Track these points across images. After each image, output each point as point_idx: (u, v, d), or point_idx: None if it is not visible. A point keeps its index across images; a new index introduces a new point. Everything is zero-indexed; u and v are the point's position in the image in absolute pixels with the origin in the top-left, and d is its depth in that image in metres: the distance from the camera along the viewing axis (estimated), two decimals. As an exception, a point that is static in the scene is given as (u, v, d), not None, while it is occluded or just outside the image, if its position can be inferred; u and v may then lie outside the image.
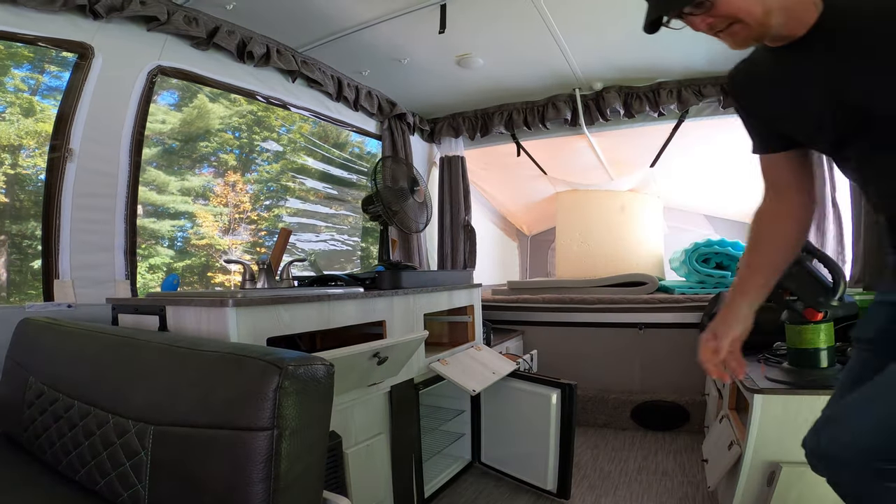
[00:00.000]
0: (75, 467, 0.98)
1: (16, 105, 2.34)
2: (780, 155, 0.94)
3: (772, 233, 0.96)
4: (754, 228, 1.00)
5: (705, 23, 0.78)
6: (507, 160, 3.46)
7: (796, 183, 0.95)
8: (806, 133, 0.88)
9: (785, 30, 0.78)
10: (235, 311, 1.11)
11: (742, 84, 0.95)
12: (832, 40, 0.76)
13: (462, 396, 2.12)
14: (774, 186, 0.97)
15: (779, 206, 0.96)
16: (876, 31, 0.71)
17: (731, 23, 0.77)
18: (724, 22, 0.78)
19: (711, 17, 0.77)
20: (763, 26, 0.77)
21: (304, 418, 0.75)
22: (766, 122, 0.93)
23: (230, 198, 3.55)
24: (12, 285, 2.37)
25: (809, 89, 0.81)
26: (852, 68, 0.75)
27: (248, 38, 2.11)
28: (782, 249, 0.96)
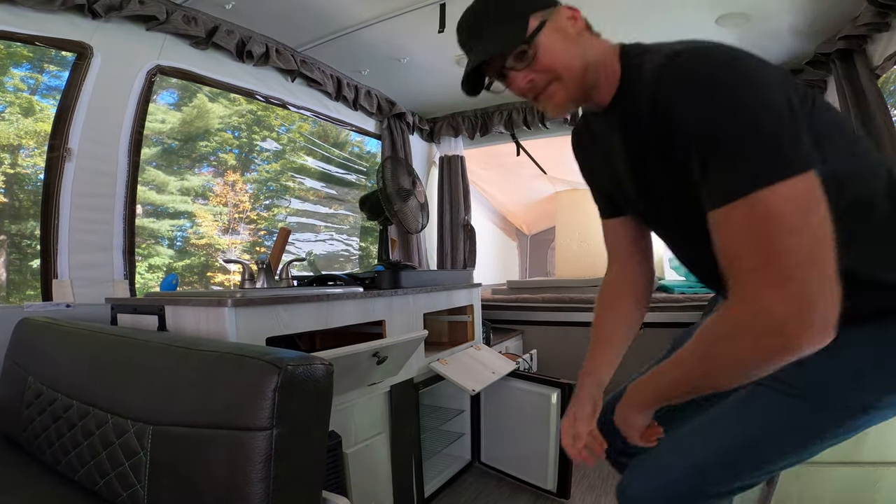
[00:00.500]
0: (74, 467, 0.98)
1: (15, 105, 2.34)
2: (618, 222, 0.95)
3: (614, 304, 0.96)
4: (599, 300, 1.00)
5: (526, 80, 0.76)
6: (506, 160, 3.46)
7: (638, 252, 0.96)
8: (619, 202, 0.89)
9: (597, 95, 0.77)
10: (234, 311, 1.11)
11: (576, 144, 0.97)
12: (623, 122, 0.76)
13: (462, 396, 2.12)
14: (616, 255, 0.98)
15: (622, 277, 0.97)
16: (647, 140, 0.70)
17: (550, 81, 0.76)
18: (544, 79, 0.76)
19: (533, 73, 0.75)
20: (581, 84, 0.76)
21: (304, 418, 0.75)
22: (596, 186, 0.96)
23: (229, 197, 3.55)
24: (11, 285, 2.37)
25: (613, 160, 0.81)
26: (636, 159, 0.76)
27: (247, 38, 2.10)
28: (624, 323, 0.96)
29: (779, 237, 0.52)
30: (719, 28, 2.15)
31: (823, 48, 2.21)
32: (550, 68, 0.75)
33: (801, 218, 0.52)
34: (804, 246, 0.51)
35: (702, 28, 2.18)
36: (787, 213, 0.52)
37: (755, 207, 0.53)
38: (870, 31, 1.97)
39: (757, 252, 0.53)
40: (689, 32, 2.22)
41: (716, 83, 0.57)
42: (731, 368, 0.59)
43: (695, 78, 0.58)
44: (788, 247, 0.52)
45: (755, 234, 0.53)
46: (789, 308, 0.51)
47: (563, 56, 0.74)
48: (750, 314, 0.54)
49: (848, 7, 1.96)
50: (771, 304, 0.52)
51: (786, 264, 0.51)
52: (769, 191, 0.52)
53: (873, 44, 2.04)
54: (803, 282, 0.51)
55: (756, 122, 0.54)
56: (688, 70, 0.60)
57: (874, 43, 2.04)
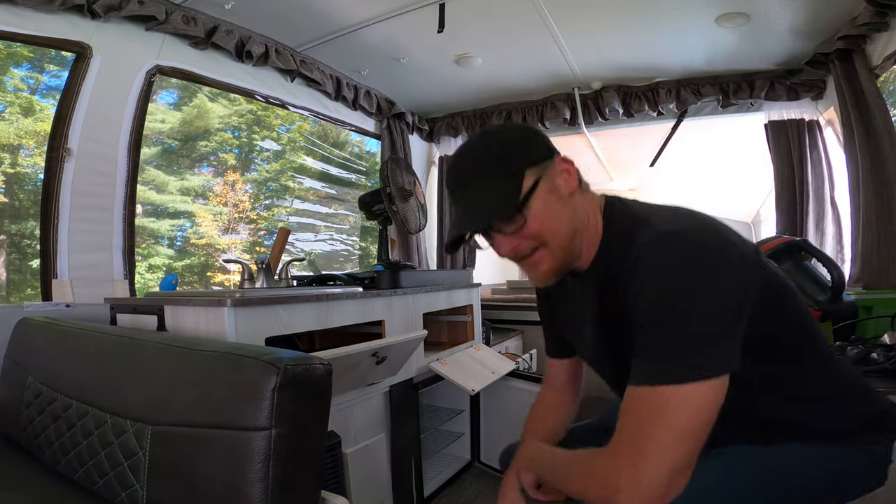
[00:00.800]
0: (74, 467, 0.98)
1: (15, 105, 2.34)
2: (565, 362, 1.03)
3: (545, 415, 1.04)
4: (534, 405, 1.07)
5: (511, 246, 0.75)
6: (506, 159, 3.46)
7: (572, 383, 1.04)
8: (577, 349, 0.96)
9: (578, 261, 0.78)
10: (234, 311, 1.11)
11: (547, 291, 0.99)
12: (600, 284, 0.77)
13: (461, 396, 2.12)
14: (553, 383, 1.05)
15: (554, 397, 1.04)
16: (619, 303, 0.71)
17: (535, 247, 0.74)
18: (530, 246, 0.74)
19: (518, 239, 0.74)
20: (567, 252, 0.75)
21: (303, 418, 0.75)
22: (555, 330, 1.01)
23: (229, 197, 3.55)
24: (11, 285, 2.37)
25: (582, 314, 0.84)
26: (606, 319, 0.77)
27: (246, 38, 2.10)
28: (551, 430, 1.01)
29: (661, 429, 0.59)
30: (719, 27, 2.15)
31: (823, 48, 2.21)
32: (538, 235, 0.73)
33: (688, 421, 0.59)
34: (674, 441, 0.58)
35: (702, 27, 2.18)
36: (686, 404, 0.59)
37: (654, 397, 0.60)
38: (869, 31, 1.97)
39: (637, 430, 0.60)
40: (689, 32, 2.24)
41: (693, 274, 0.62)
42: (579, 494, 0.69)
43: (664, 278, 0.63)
44: (659, 438, 0.59)
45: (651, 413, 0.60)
46: (631, 485, 0.59)
47: (553, 222, 0.73)
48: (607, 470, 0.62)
49: (847, 7, 1.96)
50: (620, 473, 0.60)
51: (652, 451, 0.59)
52: (678, 388, 0.59)
53: (872, 43, 2.04)
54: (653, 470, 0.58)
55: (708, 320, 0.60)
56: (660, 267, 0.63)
57: (873, 43, 2.04)
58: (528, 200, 0.71)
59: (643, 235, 0.67)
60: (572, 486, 0.71)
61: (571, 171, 0.77)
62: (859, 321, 1.81)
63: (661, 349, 0.61)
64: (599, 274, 0.77)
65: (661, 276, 0.63)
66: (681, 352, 0.60)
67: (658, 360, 0.61)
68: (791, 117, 2.56)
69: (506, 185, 0.72)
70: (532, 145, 0.77)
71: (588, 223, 0.76)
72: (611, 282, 0.73)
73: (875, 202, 2.06)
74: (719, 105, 2.70)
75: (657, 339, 0.62)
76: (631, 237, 0.68)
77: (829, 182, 2.49)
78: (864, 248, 2.14)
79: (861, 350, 1.52)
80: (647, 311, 0.63)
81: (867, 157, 2.08)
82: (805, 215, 2.48)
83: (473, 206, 0.74)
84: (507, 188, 0.72)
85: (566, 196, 0.75)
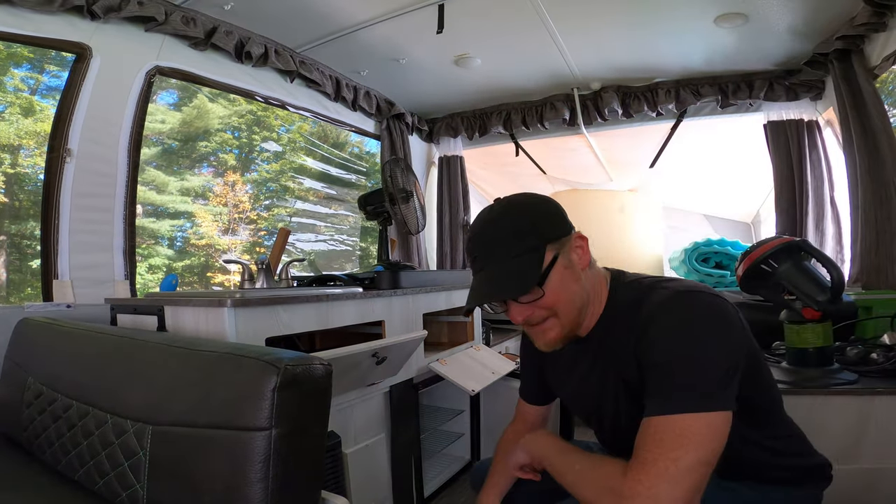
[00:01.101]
0: (74, 467, 0.98)
1: (16, 105, 2.34)
2: (540, 408, 1.11)
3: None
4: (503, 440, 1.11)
5: (524, 314, 0.80)
6: (505, 160, 3.46)
7: (541, 422, 1.13)
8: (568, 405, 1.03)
9: (582, 330, 0.85)
10: (234, 312, 1.11)
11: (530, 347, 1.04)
12: (600, 347, 0.85)
13: (461, 396, 2.12)
14: (524, 422, 1.12)
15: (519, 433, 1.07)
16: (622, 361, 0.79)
17: (547, 317, 0.80)
18: (542, 316, 0.80)
19: (533, 308, 0.80)
20: (574, 323, 0.82)
21: (303, 418, 0.75)
22: (535, 382, 1.08)
23: (229, 198, 3.55)
24: (11, 285, 2.37)
25: (575, 373, 0.92)
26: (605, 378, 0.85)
27: (246, 39, 2.10)
28: None
29: (680, 450, 0.64)
30: (718, 28, 2.15)
31: (821, 48, 2.21)
32: (552, 307, 0.79)
33: (706, 445, 0.65)
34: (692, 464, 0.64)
35: (701, 28, 2.18)
36: (698, 434, 0.65)
37: (676, 424, 0.66)
38: (867, 32, 1.97)
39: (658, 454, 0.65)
40: (688, 33, 2.24)
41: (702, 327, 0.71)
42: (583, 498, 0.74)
43: (682, 326, 0.72)
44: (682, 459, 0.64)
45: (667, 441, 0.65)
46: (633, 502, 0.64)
47: (566, 296, 0.79)
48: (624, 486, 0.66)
49: (845, 7, 1.97)
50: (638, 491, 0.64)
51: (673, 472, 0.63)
52: (692, 417, 0.66)
53: (871, 44, 2.05)
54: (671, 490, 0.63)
55: (714, 365, 0.68)
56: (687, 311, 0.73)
57: (872, 43, 2.04)
58: (547, 276, 0.78)
59: (655, 297, 0.76)
60: (582, 493, 0.74)
61: (585, 247, 0.83)
62: (859, 321, 1.81)
63: (679, 386, 0.68)
64: (600, 338, 0.84)
65: (676, 327, 0.71)
66: (697, 388, 0.67)
67: (678, 395, 0.67)
68: (790, 118, 2.56)
69: (526, 261, 0.78)
70: (553, 221, 0.83)
71: (595, 296, 0.84)
72: (616, 341, 0.80)
73: (874, 202, 2.06)
74: (718, 105, 2.70)
75: (674, 378, 0.69)
76: (640, 302, 0.77)
77: (829, 182, 2.50)
78: (862, 248, 2.14)
79: (861, 350, 1.52)
80: (664, 355, 0.71)
81: (866, 157, 2.08)
82: (804, 215, 2.48)
83: (495, 279, 0.80)
84: (527, 264, 0.78)
85: (579, 271, 0.81)
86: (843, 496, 1.33)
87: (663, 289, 0.77)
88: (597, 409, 0.90)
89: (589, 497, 0.72)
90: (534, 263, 0.78)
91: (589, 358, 0.88)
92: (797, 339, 1.43)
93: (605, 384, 0.85)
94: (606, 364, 0.85)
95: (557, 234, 0.81)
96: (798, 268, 1.40)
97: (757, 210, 3.71)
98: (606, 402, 0.87)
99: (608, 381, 0.85)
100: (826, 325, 1.41)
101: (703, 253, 2.87)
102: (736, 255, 2.79)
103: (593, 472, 0.73)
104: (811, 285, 1.38)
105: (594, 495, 0.71)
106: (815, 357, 1.41)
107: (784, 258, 1.42)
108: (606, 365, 0.85)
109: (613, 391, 0.84)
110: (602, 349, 0.85)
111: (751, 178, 3.28)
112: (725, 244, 2.86)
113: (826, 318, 1.40)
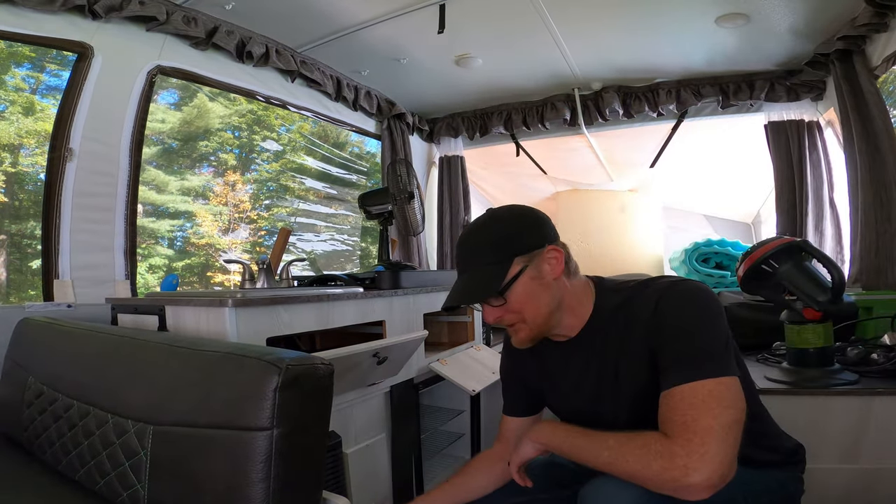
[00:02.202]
0: (75, 467, 0.98)
1: (17, 104, 2.34)
2: (524, 420, 1.09)
3: (486, 469, 1.06)
4: (471, 461, 1.11)
5: (495, 315, 0.89)
6: (506, 160, 3.46)
7: None
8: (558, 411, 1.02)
9: (562, 329, 0.92)
10: (235, 311, 1.11)
11: (513, 357, 1.08)
12: (593, 344, 0.90)
13: (462, 396, 2.12)
14: (505, 439, 1.09)
15: (502, 452, 1.06)
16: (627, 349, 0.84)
17: (515, 321, 0.89)
18: (511, 319, 0.89)
19: (502, 312, 0.88)
20: (543, 327, 0.89)
21: (304, 418, 0.75)
22: (531, 390, 1.06)
23: (230, 197, 3.55)
24: (12, 285, 2.37)
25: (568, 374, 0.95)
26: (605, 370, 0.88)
27: (247, 38, 2.10)
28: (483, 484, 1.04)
29: (717, 409, 0.70)
30: (719, 28, 2.15)
31: (822, 48, 2.21)
32: (518, 311, 0.88)
33: (734, 405, 0.71)
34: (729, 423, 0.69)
35: (702, 28, 2.18)
36: (726, 395, 0.71)
37: (705, 387, 0.72)
38: (868, 32, 1.97)
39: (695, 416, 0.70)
40: (689, 33, 2.24)
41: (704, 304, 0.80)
42: (632, 474, 0.73)
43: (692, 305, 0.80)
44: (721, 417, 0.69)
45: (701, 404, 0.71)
46: (700, 464, 0.67)
47: (532, 303, 0.87)
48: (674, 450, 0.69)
49: (847, 7, 1.97)
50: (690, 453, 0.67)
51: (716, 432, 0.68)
52: (716, 381, 0.72)
53: (872, 44, 2.05)
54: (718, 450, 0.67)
55: (720, 336, 0.77)
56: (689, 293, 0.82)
57: (873, 43, 2.04)
58: (511, 285, 0.86)
59: (654, 288, 0.84)
60: (625, 466, 0.74)
61: (559, 258, 0.90)
62: (859, 322, 1.81)
63: (700, 355, 0.74)
64: (592, 336, 0.91)
65: (686, 306, 0.80)
66: (715, 357, 0.74)
67: (700, 363, 0.73)
68: (791, 118, 2.56)
69: (494, 271, 0.87)
70: (528, 235, 0.90)
71: (572, 304, 0.90)
72: (613, 336, 0.87)
73: (874, 203, 2.06)
74: (719, 106, 2.70)
75: (695, 348, 0.75)
76: (633, 297, 0.86)
77: (829, 183, 2.50)
78: (862, 249, 2.14)
79: (861, 351, 1.52)
80: (679, 330, 0.78)
81: (866, 158, 2.08)
82: (805, 216, 2.48)
83: (468, 284, 0.90)
84: (493, 274, 0.86)
85: (550, 281, 0.88)
86: (844, 496, 1.34)
87: (656, 282, 0.86)
88: (592, 406, 0.92)
89: (635, 468, 0.72)
90: (499, 274, 0.86)
91: (581, 357, 0.92)
92: (798, 339, 1.43)
93: (602, 380, 0.89)
94: (603, 360, 0.88)
95: (530, 246, 0.88)
96: (799, 268, 1.41)
97: (757, 210, 3.71)
98: (603, 398, 0.89)
99: (605, 376, 0.88)
100: (827, 326, 1.41)
101: (704, 253, 2.87)
102: (736, 255, 2.79)
103: (631, 442, 0.74)
104: (812, 286, 1.38)
105: (641, 464, 0.71)
106: (816, 357, 1.41)
107: (785, 258, 1.42)
108: (603, 360, 0.88)
109: (612, 386, 0.87)
110: (596, 346, 0.89)
111: (751, 178, 3.28)
112: (726, 244, 2.86)
113: (827, 318, 1.40)
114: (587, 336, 0.91)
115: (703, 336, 0.76)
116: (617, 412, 0.88)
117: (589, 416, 0.93)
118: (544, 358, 0.99)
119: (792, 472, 0.94)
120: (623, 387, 0.86)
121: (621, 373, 0.85)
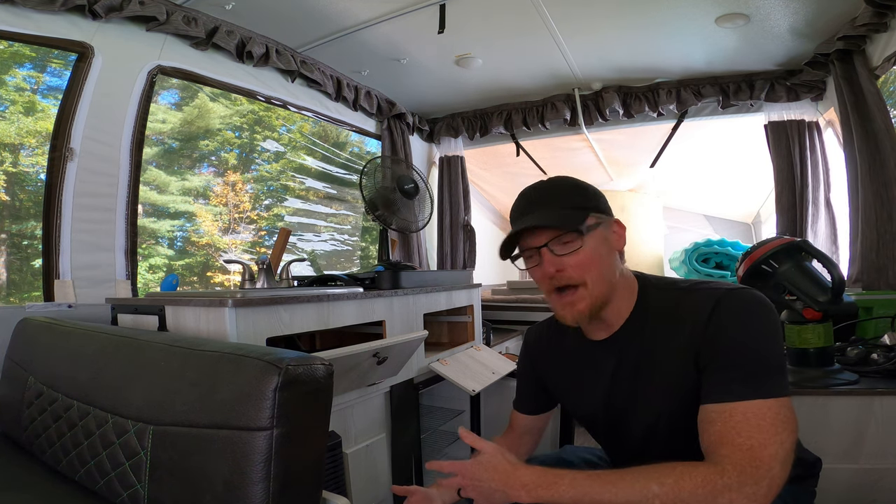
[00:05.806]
0: (75, 467, 0.98)
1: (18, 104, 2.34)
2: (535, 417, 1.09)
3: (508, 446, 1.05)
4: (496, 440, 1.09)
5: (557, 265, 0.81)
6: (506, 160, 3.46)
7: (533, 432, 1.11)
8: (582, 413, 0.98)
9: (609, 316, 0.85)
10: (235, 311, 1.11)
11: (544, 350, 1.04)
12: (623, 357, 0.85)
13: (462, 396, 2.12)
14: (516, 431, 1.10)
15: (509, 442, 1.08)
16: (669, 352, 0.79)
17: (576, 284, 0.81)
18: (571, 279, 0.81)
19: (566, 266, 0.80)
20: (602, 297, 0.82)
21: (304, 418, 0.75)
22: (546, 391, 1.05)
23: (230, 197, 3.55)
24: (12, 285, 2.37)
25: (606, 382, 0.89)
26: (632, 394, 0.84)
27: (247, 38, 2.10)
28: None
29: (783, 434, 0.67)
30: (719, 28, 2.15)
31: (822, 48, 2.21)
32: (584, 268, 0.80)
33: (794, 423, 0.69)
34: (791, 447, 0.67)
35: (702, 28, 2.18)
36: (790, 418, 0.68)
37: (771, 409, 0.68)
38: (869, 32, 1.97)
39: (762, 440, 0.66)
40: (689, 33, 2.24)
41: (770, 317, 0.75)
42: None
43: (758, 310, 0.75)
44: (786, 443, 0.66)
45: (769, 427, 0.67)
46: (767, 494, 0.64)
47: (599, 263, 0.81)
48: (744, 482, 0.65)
49: (847, 7, 1.96)
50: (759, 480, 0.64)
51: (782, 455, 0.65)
52: (779, 402, 0.69)
53: (872, 44, 2.05)
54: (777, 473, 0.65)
55: (782, 353, 0.74)
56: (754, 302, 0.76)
57: (873, 43, 2.04)
58: (589, 232, 0.81)
59: (711, 293, 0.78)
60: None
61: (622, 233, 0.86)
62: (860, 322, 1.81)
63: (768, 371, 0.70)
64: (630, 337, 0.85)
65: (749, 317, 0.74)
66: (776, 374, 0.71)
67: (758, 380, 0.69)
68: (791, 118, 2.56)
69: (573, 213, 0.81)
70: (600, 197, 0.87)
71: (624, 286, 0.85)
72: (659, 339, 0.81)
73: (875, 202, 2.06)
74: (719, 106, 2.70)
75: (751, 366, 0.71)
76: (682, 300, 0.80)
77: (826, 183, 2.50)
78: (863, 248, 2.14)
79: (861, 351, 1.52)
80: (737, 342, 0.73)
81: (867, 158, 2.08)
82: (805, 216, 2.48)
83: (546, 214, 0.82)
84: (573, 216, 0.81)
85: (613, 251, 0.84)
86: (844, 496, 1.34)
87: (709, 285, 0.80)
88: (613, 411, 0.88)
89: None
90: (579, 217, 0.80)
91: (613, 360, 0.86)
92: (798, 339, 1.43)
93: (634, 384, 0.84)
94: (639, 362, 0.83)
95: (603, 208, 0.85)
96: (799, 268, 1.40)
97: (757, 210, 3.71)
98: (630, 403, 0.85)
99: (640, 380, 0.83)
100: (827, 326, 1.41)
101: (704, 253, 2.88)
102: (736, 255, 2.79)
103: (685, 481, 0.66)
104: (812, 286, 1.38)
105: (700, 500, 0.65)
106: (816, 357, 1.41)
107: (785, 258, 1.42)
108: (639, 363, 0.83)
109: (644, 391, 0.83)
110: (633, 347, 0.84)
111: (751, 178, 3.28)
112: (726, 244, 2.86)
113: (827, 318, 1.40)
114: (624, 335, 0.85)
115: (769, 351, 0.72)
116: (644, 419, 0.83)
117: (607, 421, 0.90)
118: (572, 356, 0.95)
119: (807, 485, 0.92)
120: (658, 393, 0.81)
121: (657, 378, 0.81)
